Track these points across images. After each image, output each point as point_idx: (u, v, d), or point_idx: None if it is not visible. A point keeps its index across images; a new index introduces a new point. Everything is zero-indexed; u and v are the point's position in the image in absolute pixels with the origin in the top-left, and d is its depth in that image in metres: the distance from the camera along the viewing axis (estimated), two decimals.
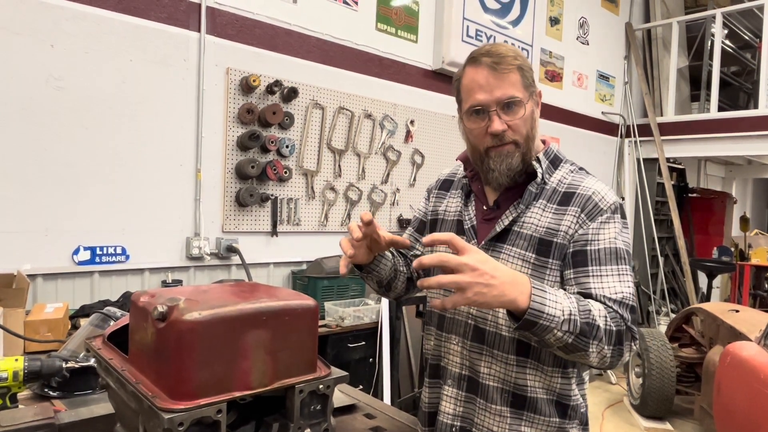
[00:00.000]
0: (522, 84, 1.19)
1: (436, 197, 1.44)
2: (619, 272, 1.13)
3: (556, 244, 1.17)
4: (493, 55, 1.18)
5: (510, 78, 1.17)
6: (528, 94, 1.20)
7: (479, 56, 1.20)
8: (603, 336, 1.04)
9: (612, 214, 1.17)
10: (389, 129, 4.06)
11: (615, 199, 1.19)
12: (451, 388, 1.28)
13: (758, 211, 11.50)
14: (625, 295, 1.11)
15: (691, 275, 6.23)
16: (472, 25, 4.49)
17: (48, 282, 2.67)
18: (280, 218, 3.47)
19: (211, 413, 0.84)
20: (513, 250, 1.20)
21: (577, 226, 1.16)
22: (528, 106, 1.19)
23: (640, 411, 4.34)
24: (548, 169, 1.24)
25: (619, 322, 1.07)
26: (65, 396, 1.47)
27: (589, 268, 1.14)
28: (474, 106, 1.20)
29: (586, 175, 1.25)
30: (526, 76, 1.20)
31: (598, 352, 1.04)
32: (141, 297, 0.95)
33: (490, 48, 1.21)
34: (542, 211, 1.20)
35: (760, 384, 2.66)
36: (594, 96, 6.27)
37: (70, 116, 2.67)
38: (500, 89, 1.17)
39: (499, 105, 1.17)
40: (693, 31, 7.16)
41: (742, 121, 5.91)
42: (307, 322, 0.99)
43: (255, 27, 3.32)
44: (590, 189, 1.19)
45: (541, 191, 1.22)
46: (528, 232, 1.19)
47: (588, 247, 1.15)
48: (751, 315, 3.84)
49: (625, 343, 1.08)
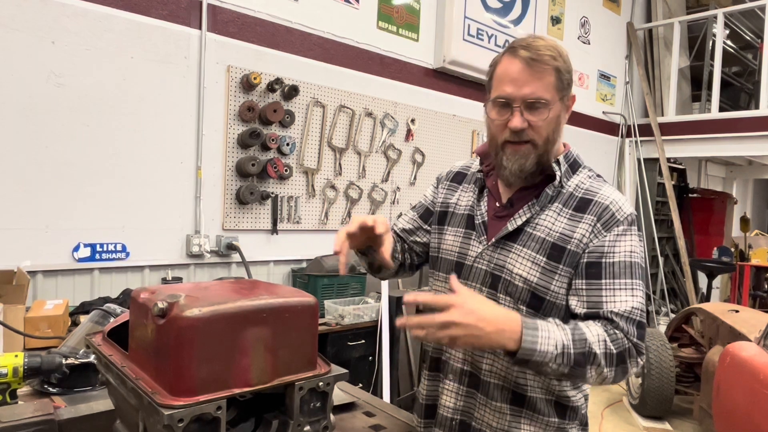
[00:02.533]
0: (555, 86, 1.15)
1: (447, 189, 1.40)
2: (632, 287, 1.13)
3: (569, 251, 1.15)
4: (532, 50, 1.14)
5: (543, 77, 1.14)
6: (559, 97, 1.17)
7: (518, 47, 1.16)
8: (601, 360, 1.05)
9: (629, 226, 1.16)
10: (390, 127, 4.06)
11: (632, 210, 1.18)
12: (452, 383, 1.28)
13: (758, 211, 11.49)
14: (634, 311, 1.11)
15: (691, 275, 6.23)
16: (473, 24, 4.49)
17: (48, 279, 2.67)
18: (281, 216, 3.47)
19: (210, 410, 0.84)
20: (524, 251, 1.19)
21: (592, 236, 1.15)
22: (555, 108, 1.16)
23: (639, 411, 4.34)
24: (567, 172, 1.23)
25: (622, 342, 1.08)
26: (65, 392, 1.47)
27: (603, 281, 1.13)
28: (500, 97, 1.17)
29: (604, 183, 1.23)
30: (563, 78, 1.16)
31: (597, 375, 1.07)
32: (141, 293, 0.95)
33: (531, 41, 1.17)
34: (557, 215, 1.19)
35: (759, 384, 2.66)
36: (595, 95, 6.26)
37: (71, 113, 2.67)
38: (529, 87, 1.14)
39: (524, 102, 1.14)
40: (694, 31, 7.15)
41: (743, 121, 5.91)
42: (307, 320, 0.99)
43: (256, 25, 3.31)
44: (608, 198, 1.18)
45: (558, 194, 1.21)
46: (541, 234, 1.18)
47: (603, 259, 1.14)
48: (750, 315, 3.84)
49: (630, 360, 1.09)
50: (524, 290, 1.17)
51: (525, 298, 1.18)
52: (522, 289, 1.17)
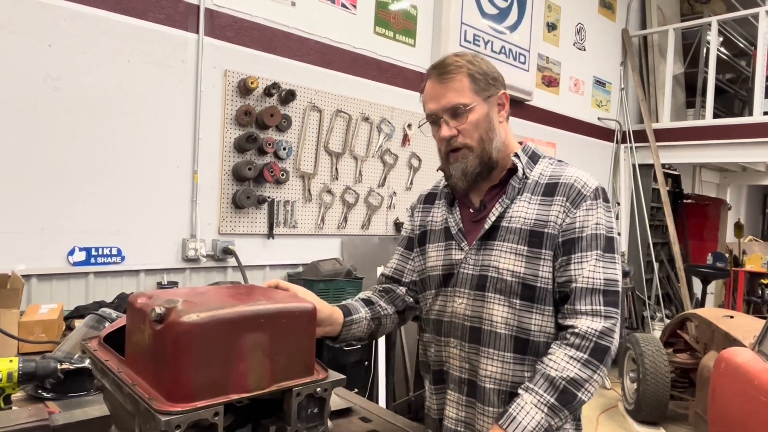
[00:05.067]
0: (472, 89, 1.23)
1: (421, 212, 1.45)
2: (597, 257, 1.18)
3: (547, 234, 1.20)
4: (439, 67, 1.26)
5: (454, 86, 1.23)
6: (481, 98, 1.23)
7: (431, 69, 1.28)
8: (581, 374, 1.11)
9: (594, 200, 1.21)
10: (387, 132, 4.07)
11: (596, 184, 1.23)
12: (454, 393, 1.29)
13: (752, 217, 11.55)
14: (601, 281, 1.16)
15: (685, 281, 6.26)
16: (469, 30, 4.51)
17: (43, 282, 2.65)
18: (277, 220, 3.46)
19: (208, 416, 0.84)
20: (505, 245, 1.22)
21: (564, 215, 1.20)
22: (477, 109, 1.23)
23: (634, 416, 4.35)
24: (528, 164, 1.28)
25: (588, 337, 1.12)
26: (59, 398, 1.46)
27: (573, 255, 1.18)
28: (427, 115, 1.28)
29: (566, 165, 1.28)
30: (478, 81, 1.23)
31: (592, 385, 1.12)
32: (138, 298, 0.95)
33: (440, 61, 1.28)
34: (528, 204, 1.23)
35: (754, 390, 2.67)
36: (590, 101, 6.30)
37: (68, 116, 2.66)
38: (445, 98, 1.23)
39: (447, 113, 1.23)
40: (689, 39, 7.21)
41: (737, 128, 5.95)
42: (304, 325, 0.99)
43: (253, 29, 3.32)
44: (572, 177, 1.23)
45: (524, 185, 1.26)
46: (517, 225, 1.22)
47: (574, 235, 1.19)
48: (745, 321, 3.85)
49: (605, 340, 1.13)
50: (515, 283, 1.20)
51: (517, 290, 1.20)
52: (512, 282, 1.20)
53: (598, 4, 6.29)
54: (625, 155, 6.65)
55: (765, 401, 2.56)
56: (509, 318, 1.21)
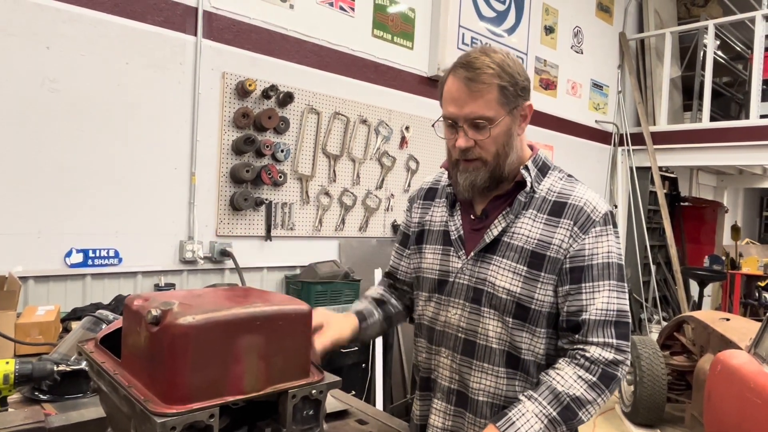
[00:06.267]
0: (498, 101, 1.13)
1: (421, 207, 1.41)
2: (610, 288, 1.15)
3: (549, 258, 1.16)
4: (470, 69, 1.13)
5: (483, 96, 1.12)
6: (506, 111, 1.15)
7: (459, 66, 1.16)
8: (587, 396, 1.10)
9: (605, 226, 1.17)
10: (384, 135, 4.07)
11: (607, 208, 1.19)
12: (441, 402, 1.27)
13: (749, 220, 11.59)
14: (609, 312, 1.14)
15: (682, 283, 6.27)
16: (467, 33, 4.52)
17: (40, 284, 2.65)
18: (275, 223, 3.46)
19: (203, 418, 0.84)
20: (503, 262, 1.19)
21: (571, 240, 1.16)
22: (501, 124, 1.15)
23: (631, 419, 4.35)
24: (537, 177, 1.23)
25: (597, 362, 1.11)
26: (56, 399, 1.47)
27: (583, 285, 1.15)
28: (446, 117, 1.19)
29: (576, 183, 1.23)
30: (507, 92, 1.14)
31: (594, 408, 1.12)
32: (135, 300, 0.95)
33: (470, 59, 1.14)
34: (533, 222, 1.19)
35: (750, 393, 2.67)
36: (588, 104, 6.31)
37: (65, 119, 2.67)
38: (469, 107, 1.13)
39: (467, 122, 1.14)
40: (686, 42, 7.23)
41: (734, 131, 5.97)
42: (300, 327, 1.00)
43: (251, 32, 3.32)
44: (582, 199, 1.18)
45: (531, 200, 1.21)
46: (519, 243, 1.18)
47: (584, 263, 1.15)
48: (741, 324, 3.86)
49: (612, 369, 1.12)
50: (509, 301, 1.18)
51: (510, 309, 1.18)
52: (507, 300, 1.18)
53: (596, 8, 6.31)
54: (622, 158, 6.67)
55: (760, 403, 2.57)
56: (503, 334, 1.19)
